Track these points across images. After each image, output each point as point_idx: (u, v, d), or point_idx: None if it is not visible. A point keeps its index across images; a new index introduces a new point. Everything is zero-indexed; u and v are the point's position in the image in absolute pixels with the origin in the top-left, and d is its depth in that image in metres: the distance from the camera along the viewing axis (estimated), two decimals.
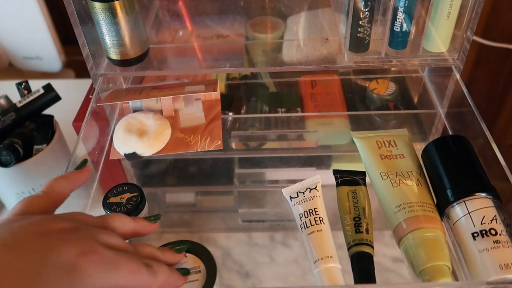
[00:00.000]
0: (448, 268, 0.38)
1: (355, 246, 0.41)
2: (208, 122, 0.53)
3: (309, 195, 0.45)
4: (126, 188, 0.46)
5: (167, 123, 0.52)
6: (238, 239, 0.58)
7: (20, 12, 0.76)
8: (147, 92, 0.55)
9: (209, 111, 0.54)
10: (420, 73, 0.65)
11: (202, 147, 0.51)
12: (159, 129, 0.51)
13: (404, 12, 0.49)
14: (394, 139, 0.48)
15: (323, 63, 0.54)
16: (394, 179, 0.44)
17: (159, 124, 0.51)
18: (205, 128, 0.53)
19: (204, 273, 0.40)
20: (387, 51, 0.52)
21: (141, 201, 0.45)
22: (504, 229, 0.38)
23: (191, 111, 0.55)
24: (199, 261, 0.41)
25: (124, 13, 0.48)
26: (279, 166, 0.63)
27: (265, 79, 0.66)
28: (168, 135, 0.52)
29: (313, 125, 0.59)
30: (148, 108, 0.54)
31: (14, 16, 0.76)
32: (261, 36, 0.61)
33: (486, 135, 0.47)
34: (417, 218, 0.41)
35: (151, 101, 0.54)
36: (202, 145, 0.51)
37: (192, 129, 0.52)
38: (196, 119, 0.54)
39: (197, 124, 0.53)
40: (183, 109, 0.55)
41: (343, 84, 0.65)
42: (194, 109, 0.55)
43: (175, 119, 0.54)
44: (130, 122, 0.52)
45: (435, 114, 0.59)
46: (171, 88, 0.55)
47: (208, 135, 0.52)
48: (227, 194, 0.64)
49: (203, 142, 0.51)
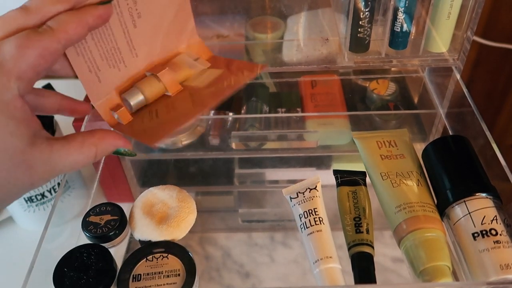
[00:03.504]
0: (448, 268, 0.38)
1: (355, 246, 0.41)
2: (227, 67, 0.44)
3: (309, 195, 0.45)
4: (109, 209, 0.44)
5: (192, 205, 0.45)
6: (238, 239, 0.58)
7: None
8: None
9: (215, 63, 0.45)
10: (420, 73, 0.65)
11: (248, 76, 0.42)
12: (182, 215, 0.44)
13: (405, 12, 0.49)
14: (394, 139, 0.48)
15: (323, 63, 0.54)
16: (394, 179, 0.44)
17: (182, 207, 0.44)
18: (231, 71, 0.44)
19: (183, 276, 0.40)
20: (387, 51, 0.52)
21: (119, 226, 0.44)
22: (505, 229, 0.38)
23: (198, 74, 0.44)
24: (179, 263, 0.41)
25: None
26: (279, 166, 0.63)
27: (265, 79, 0.66)
28: (192, 220, 0.45)
29: (313, 125, 0.59)
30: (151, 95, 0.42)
31: None
32: (261, 36, 0.61)
33: (486, 135, 0.47)
34: (417, 218, 0.41)
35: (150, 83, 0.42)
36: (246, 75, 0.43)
37: (218, 80, 0.43)
38: (212, 74, 0.44)
39: (217, 74, 0.44)
40: (188, 77, 0.44)
41: (343, 84, 0.65)
42: (199, 68, 0.44)
43: (190, 89, 0.43)
44: (151, 201, 0.45)
45: (435, 114, 0.59)
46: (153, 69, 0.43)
47: (240, 70, 0.44)
48: (227, 194, 0.64)
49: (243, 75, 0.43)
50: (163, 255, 0.42)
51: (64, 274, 0.39)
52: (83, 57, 0.37)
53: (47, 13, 0.31)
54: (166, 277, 0.40)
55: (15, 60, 0.29)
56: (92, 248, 0.41)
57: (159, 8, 0.41)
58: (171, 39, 0.44)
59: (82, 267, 0.40)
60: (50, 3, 0.31)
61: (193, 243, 0.56)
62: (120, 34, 0.39)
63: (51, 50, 0.30)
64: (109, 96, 0.41)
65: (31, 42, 0.29)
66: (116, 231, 0.44)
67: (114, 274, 0.40)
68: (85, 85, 0.38)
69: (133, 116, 0.41)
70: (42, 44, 0.30)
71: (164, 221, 0.44)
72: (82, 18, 0.32)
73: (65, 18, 0.31)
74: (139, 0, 0.38)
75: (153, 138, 0.39)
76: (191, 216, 0.44)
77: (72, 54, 0.36)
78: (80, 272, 0.40)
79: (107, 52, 0.38)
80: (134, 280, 0.40)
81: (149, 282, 0.40)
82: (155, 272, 0.40)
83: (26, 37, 0.29)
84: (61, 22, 0.31)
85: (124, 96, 0.41)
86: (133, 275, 0.40)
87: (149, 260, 0.41)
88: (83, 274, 0.39)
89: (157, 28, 0.42)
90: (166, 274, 0.40)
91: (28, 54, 0.29)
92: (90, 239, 0.44)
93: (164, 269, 0.41)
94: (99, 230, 0.43)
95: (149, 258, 0.41)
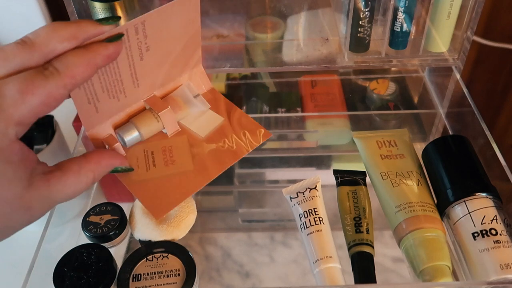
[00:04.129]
0: (448, 268, 0.38)
1: (355, 246, 0.41)
2: (228, 116, 0.44)
3: (309, 195, 0.45)
4: (109, 209, 0.44)
5: (192, 206, 0.44)
6: (238, 239, 0.58)
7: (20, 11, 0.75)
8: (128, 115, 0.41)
9: (215, 104, 0.45)
10: (420, 73, 0.65)
11: (251, 145, 0.42)
12: (182, 214, 0.44)
13: (405, 12, 0.49)
14: (395, 139, 0.48)
15: (323, 63, 0.54)
16: (394, 179, 0.44)
17: (182, 207, 0.44)
18: (231, 124, 0.43)
19: (183, 276, 0.40)
20: (387, 51, 0.52)
21: (119, 226, 0.44)
22: (505, 229, 0.38)
23: (198, 114, 0.44)
24: (179, 263, 0.41)
25: (124, 13, 0.48)
26: (279, 166, 0.63)
27: (265, 79, 0.66)
28: (192, 220, 0.44)
29: (313, 125, 0.59)
30: (147, 134, 0.41)
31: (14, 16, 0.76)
32: (261, 36, 0.61)
33: (486, 135, 0.47)
34: (417, 218, 0.41)
35: (148, 121, 0.41)
36: (249, 143, 0.42)
37: (219, 133, 0.43)
38: (211, 119, 0.44)
39: (218, 124, 0.43)
40: (188, 115, 0.44)
41: (343, 84, 0.65)
42: (200, 109, 0.44)
43: (188, 133, 0.43)
44: None
45: (435, 114, 0.59)
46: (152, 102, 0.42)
47: (242, 129, 0.43)
48: (227, 194, 0.64)
49: (246, 140, 0.42)
50: (163, 255, 0.42)
51: (64, 274, 0.39)
52: (84, 90, 0.34)
53: (53, 50, 0.28)
54: (166, 277, 0.40)
55: (17, 106, 0.27)
56: (92, 248, 0.41)
57: (170, 41, 0.38)
58: (175, 70, 0.42)
59: (82, 267, 0.40)
60: (57, 40, 0.28)
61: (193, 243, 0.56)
62: (125, 67, 0.36)
63: (56, 96, 0.28)
64: (103, 125, 0.39)
65: (35, 88, 0.27)
66: (116, 231, 0.44)
67: (114, 274, 0.40)
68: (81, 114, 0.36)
69: (126, 151, 0.40)
70: (46, 90, 0.27)
71: (164, 221, 0.44)
72: (91, 60, 0.29)
73: (73, 60, 0.28)
74: (150, 34, 0.36)
75: (158, 209, 0.38)
76: (191, 216, 0.44)
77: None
78: (80, 272, 0.40)
79: (109, 84, 0.36)
80: (134, 280, 0.40)
81: (149, 282, 0.40)
82: (155, 272, 0.40)
83: (30, 81, 0.27)
84: (69, 65, 0.28)
85: (118, 131, 0.40)
86: (133, 275, 0.40)
87: (149, 260, 0.41)
88: (83, 274, 0.39)
89: (164, 59, 0.40)
90: (166, 274, 0.40)
91: (31, 100, 0.27)
92: (90, 239, 0.44)
93: (164, 269, 0.41)
94: (99, 230, 0.43)
95: (149, 258, 0.41)
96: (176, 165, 0.40)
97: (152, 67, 0.39)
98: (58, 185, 0.30)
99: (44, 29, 0.29)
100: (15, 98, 0.27)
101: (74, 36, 0.29)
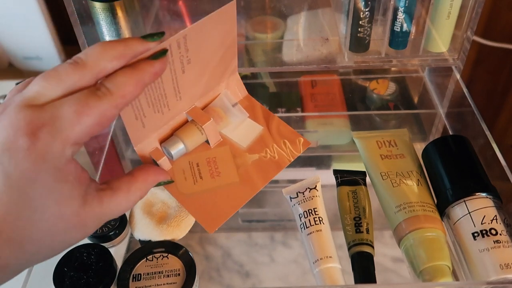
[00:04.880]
0: (448, 268, 0.38)
1: (355, 246, 0.41)
2: (266, 124, 0.44)
3: (309, 195, 0.45)
4: None
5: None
6: (238, 239, 0.58)
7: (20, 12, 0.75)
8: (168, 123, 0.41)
9: (252, 112, 0.45)
10: (420, 73, 0.65)
11: (292, 155, 0.42)
12: (182, 214, 0.44)
13: (404, 12, 0.49)
14: (395, 139, 0.48)
15: (323, 63, 0.54)
16: (394, 179, 0.44)
17: (183, 208, 0.44)
18: (270, 133, 0.44)
19: (183, 276, 0.40)
20: (387, 51, 0.52)
21: (119, 226, 0.44)
22: (505, 229, 0.38)
23: (237, 123, 0.44)
24: (179, 263, 0.41)
25: (124, 13, 0.48)
26: None
27: (265, 79, 0.66)
28: (193, 220, 0.44)
29: (313, 125, 0.59)
30: (191, 145, 0.41)
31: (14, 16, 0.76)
32: (261, 36, 0.61)
33: (486, 135, 0.47)
34: (417, 218, 0.41)
35: (192, 133, 0.41)
36: (290, 153, 0.42)
37: (259, 142, 0.43)
38: (251, 128, 0.44)
39: (258, 133, 0.44)
40: (228, 125, 0.44)
41: (343, 84, 0.65)
42: (239, 118, 0.44)
43: (229, 143, 0.43)
44: (151, 200, 0.45)
45: (435, 114, 0.59)
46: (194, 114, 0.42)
47: (282, 138, 0.43)
48: None
49: (286, 149, 0.43)
50: (163, 255, 0.42)
51: (64, 274, 0.40)
52: (132, 107, 0.35)
53: (103, 70, 0.29)
54: (166, 277, 0.40)
55: (73, 127, 0.28)
56: (92, 248, 0.41)
57: (209, 52, 0.39)
58: (214, 80, 0.43)
59: (82, 267, 0.40)
60: (107, 60, 0.29)
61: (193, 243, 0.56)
62: (169, 82, 0.37)
63: (109, 116, 0.29)
64: (149, 140, 0.40)
65: (90, 109, 0.28)
66: (116, 231, 0.44)
67: (114, 274, 0.40)
68: (129, 130, 0.37)
69: (172, 163, 0.41)
70: (100, 110, 0.28)
71: (164, 220, 0.44)
72: (140, 79, 0.30)
73: (123, 80, 0.30)
74: (191, 48, 0.36)
75: (210, 223, 0.39)
76: (191, 216, 0.44)
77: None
78: (80, 272, 0.40)
79: (155, 99, 0.37)
80: (134, 280, 0.40)
81: (149, 282, 0.40)
82: (155, 272, 0.41)
83: (85, 103, 0.28)
84: (120, 85, 0.29)
85: (164, 145, 0.40)
86: (133, 275, 0.40)
87: (149, 260, 0.41)
88: (83, 274, 0.39)
89: (204, 71, 0.40)
90: (166, 274, 0.40)
91: (86, 121, 0.28)
92: (90, 239, 0.44)
93: (164, 269, 0.41)
94: (99, 230, 0.43)
95: (149, 258, 0.41)
96: (222, 177, 0.41)
97: (193, 79, 0.40)
98: (110, 203, 0.31)
99: (94, 49, 0.30)
100: (72, 119, 0.28)
101: (123, 55, 0.30)
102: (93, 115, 0.28)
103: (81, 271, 0.40)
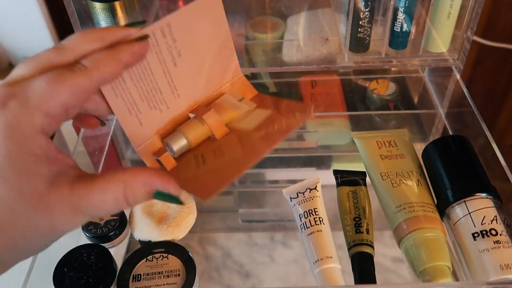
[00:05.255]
0: (448, 268, 0.38)
1: (355, 246, 0.41)
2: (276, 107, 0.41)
3: (309, 195, 0.45)
4: None
5: (192, 205, 0.45)
6: (238, 239, 0.58)
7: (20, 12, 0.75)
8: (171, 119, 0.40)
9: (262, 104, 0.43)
10: (420, 73, 0.65)
11: (302, 119, 0.39)
12: (182, 215, 0.44)
13: (405, 12, 0.49)
14: (394, 139, 0.48)
15: (323, 63, 0.54)
16: (394, 179, 0.44)
17: (182, 207, 0.44)
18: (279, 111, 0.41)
19: (183, 276, 0.40)
20: (387, 51, 0.52)
21: (119, 226, 0.44)
22: (505, 229, 0.38)
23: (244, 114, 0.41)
24: (179, 263, 0.41)
25: (124, 13, 0.48)
26: (279, 166, 0.63)
27: (265, 79, 0.66)
28: (192, 220, 0.44)
29: (313, 125, 0.59)
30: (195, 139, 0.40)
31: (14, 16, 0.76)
32: (261, 36, 0.61)
33: (486, 135, 0.47)
34: (417, 218, 0.41)
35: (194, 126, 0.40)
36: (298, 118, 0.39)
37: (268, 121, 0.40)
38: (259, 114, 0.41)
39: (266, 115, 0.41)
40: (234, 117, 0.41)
41: (343, 84, 0.65)
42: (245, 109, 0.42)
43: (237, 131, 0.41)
44: (151, 201, 0.44)
45: (435, 114, 0.59)
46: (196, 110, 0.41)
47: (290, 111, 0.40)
48: (227, 194, 0.64)
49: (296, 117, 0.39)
50: (163, 255, 0.42)
51: (64, 274, 0.40)
52: (123, 98, 0.35)
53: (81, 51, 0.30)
54: (166, 277, 0.40)
55: (45, 96, 0.28)
56: (92, 248, 0.41)
57: (200, 46, 0.38)
58: (214, 78, 0.42)
59: (82, 267, 0.40)
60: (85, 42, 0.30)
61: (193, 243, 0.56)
62: (160, 74, 0.36)
63: (83, 87, 0.29)
64: (151, 140, 0.39)
65: (63, 79, 0.28)
66: (116, 231, 0.44)
67: (114, 274, 0.40)
68: (126, 129, 0.36)
69: (176, 161, 0.39)
70: (74, 81, 0.29)
71: (164, 221, 0.44)
72: (116, 56, 0.31)
73: (98, 56, 0.30)
74: (178, 38, 0.36)
75: (206, 190, 0.35)
76: (191, 216, 0.44)
77: (110, 96, 0.34)
78: (80, 272, 0.40)
79: (148, 93, 0.36)
80: (134, 280, 0.40)
81: (149, 282, 0.40)
82: (155, 272, 0.41)
83: (58, 74, 0.28)
84: (95, 60, 0.30)
85: (166, 141, 0.39)
86: (133, 275, 0.40)
87: (149, 260, 0.41)
88: (83, 274, 0.39)
89: (199, 67, 0.39)
90: (166, 274, 0.40)
91: (58, 90, 0.28)
92: (90, 239, 0.44)
93: (164, 269, 0.41)
94: (99, 230, 0.43)
95: (149, 258, 0.41)
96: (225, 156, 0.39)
97: (188, 74, 0.39)
98: (82, 190, 0.28)
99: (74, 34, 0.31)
100: (42, 89, 0.28)
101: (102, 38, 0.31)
102: (66, 86, 0.28)
103: (81, 271, 0.40)
